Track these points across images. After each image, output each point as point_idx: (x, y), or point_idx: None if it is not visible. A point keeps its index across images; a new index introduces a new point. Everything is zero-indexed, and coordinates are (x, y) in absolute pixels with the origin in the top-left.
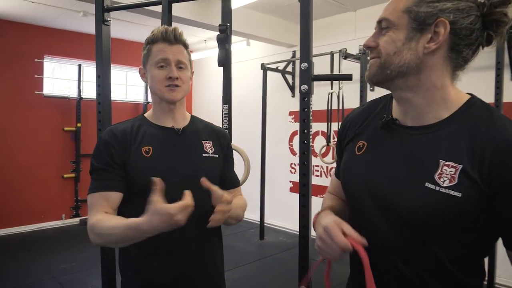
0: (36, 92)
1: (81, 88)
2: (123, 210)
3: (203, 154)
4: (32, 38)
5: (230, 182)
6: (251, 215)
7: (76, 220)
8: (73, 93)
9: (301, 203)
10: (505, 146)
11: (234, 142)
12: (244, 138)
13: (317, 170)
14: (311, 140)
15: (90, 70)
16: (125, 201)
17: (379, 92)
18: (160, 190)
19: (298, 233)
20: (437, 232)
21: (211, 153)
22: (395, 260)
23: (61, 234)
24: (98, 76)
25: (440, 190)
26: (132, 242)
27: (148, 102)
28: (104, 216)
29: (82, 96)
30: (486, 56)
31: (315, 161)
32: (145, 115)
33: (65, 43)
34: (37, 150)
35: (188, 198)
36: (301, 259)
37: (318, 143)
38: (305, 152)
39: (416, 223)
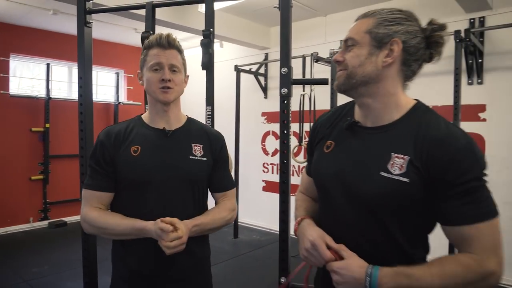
0: (2, 92)
1: (50, 87)
2: (118, 207)
3: (191, 157)
4: None
5: (219, 186)
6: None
7: (44, 224)
8: (41, 93)
9: (281, 199)
10: (437, 142)
11: None
12: None
13: None
14: (290, 139)
15: (58, 69)
16: (116, 199)
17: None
18: (170, 226)
19: (271, 231)
20: (392, 213)
21: (199, 156)
22: (360, 239)
23: (29, 238)
24: (80, 77)
25: (392, 177)
26: (128, 238)
27: (120, 103)
28: (103, 212)
29: (50, 96)
30: (446, 62)
31: None
32: (142, 116)
33: (33, 41)
34: (2, 151)
35: (181, 231)
36: (281, 252)
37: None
38: (285, 151)
39: (375, 206)
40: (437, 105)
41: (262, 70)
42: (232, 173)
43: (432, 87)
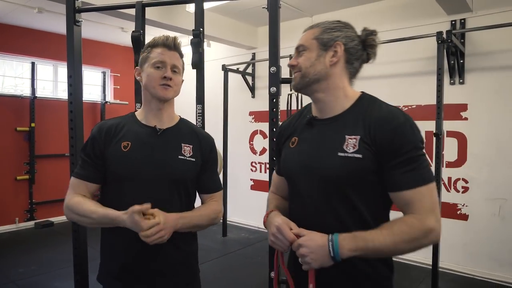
0: None
1: (35, 86)
2: (106, 199)
3: (179, 157)
4: None
5: (207, 187)
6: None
7: (31, 224)
8: (26, 92)
9: None
10: (381, 120)
11: None
12: None
13: None
14: None
15: (44, 68)
16: (104, 192)
17: None
18: (145, 208)
19: (259, 229)
20: (353, 187)
21: (188, 157)
22: (328, 218)
23: (15, 238)
24: (69, 76)
25: (348, 155)
26: (103, 226)
27: (106, 102)
28: (83, 199)
29: (36, 95)
30: (429, 62)
31: None
32: (135, 113)
33: (17, 40)
34: None
35: (158, 218)
36: (271, 249)
37: None
38: (274, 149)
39: (338, 182)
40: (421, 104)
41: (249, 70)
42: (221, 173)
43: (415, 87)
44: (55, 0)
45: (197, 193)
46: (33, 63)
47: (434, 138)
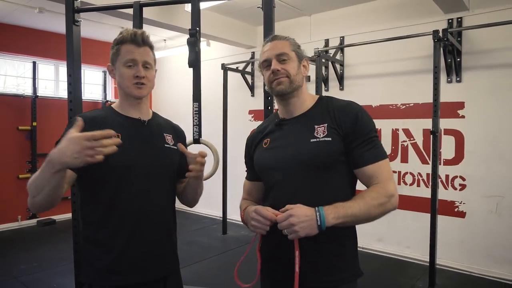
0: None
1: (37, 86)
2: (91, 189)
3: (165, 145)
4: None
5: (185, 171)
6: (214, 211)
7: (33, 222)
8: (28, 91)
9: None
10: (342, 108)
11: None
12: (205, 136)
13: None
14: None
15: (45, 67)
16: (95, 182)
17: (332, 92)
18: (79, 127)
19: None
20: (327, 167)
21: (172, 145)
22: (307, 198)
23: (18, 236)
24: (69, 75)
25: (319, 140)
26: (50, 184)
27: (107, 101)
28: None
29: (37, 94)
30: (426, 61)
31: None
32: (112, 106)
33: (18, 40)
34: None
35: (113, 134)
36: None
37: None
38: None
39: (313, 164)
40: (418, 102)
41: (249, 69)
42: (220, 169)
43: (413, 85)
44: (55, 0)
45: None
46: (34, 63)
47: (431, 136)
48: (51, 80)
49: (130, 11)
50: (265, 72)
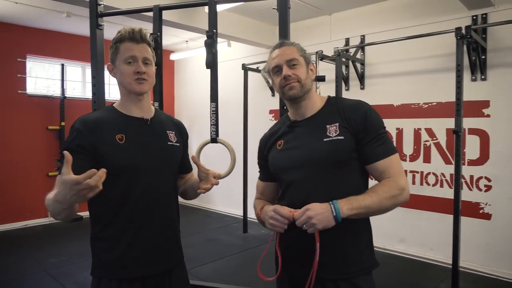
0: (19, 91)
1: (65, 87)
2: (102, 193)
3: (168, 143)
4: (14, 37)
5: (187, 167)
6: (235, 210)
7: None
8: (57, 92)
9: None
10: (352, 107)
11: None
12: (226, 135)
13: None
14: None
15: (72, 69)
16: (102, 184)
17: (353, 91)
18: (68, 162)
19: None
20: (340, 165)
21: (174, 142)
22: (321, 196)
23: (47, 231)
24: (93, 77)
25: (332, 139)
26: (64, 213)
27: None
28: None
29: (65, 95)
30: (449, 59)
31: None
32: (114, 105)
33: (48, 43)
34: (22, 149)
35: (94, 173)
36: None
37: None
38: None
39: (327, 162)
40: (441, 101)
41: None
42: (240, 168)
43: (435, 84)
44: (82, 5)
45: None
46: (62, 65)
47: (454, 136)
48: (78, 81)
49: (151, 13)
50: (276, 77)
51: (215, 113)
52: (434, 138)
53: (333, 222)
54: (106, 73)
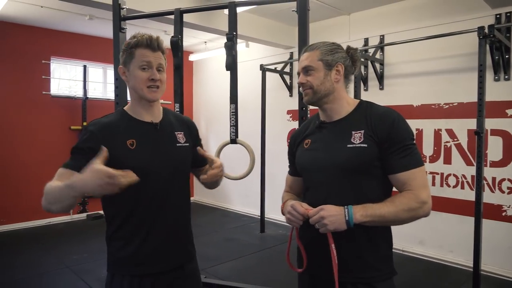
0: (44, 92)
1: (87, 88)
2: (115, 196)
3: (177, 144)
4: (39, 40)
5: (201, 161)
6: (252, 209)
7: (83, 216)
8: (79, 93)
9: None
10: (380, 116)
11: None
12: (244, 136)
13: None
14: None
15: (94, 70)
16: None
17: (372, 92)
18: (104, 157)
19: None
20: (362, 172)
21: (183, 143)
22: (340, 200)
23: (70, 228)
24: (116, 79)
25: (356, 145)
26: (68, 201)
27: None
28: (53, 181)
29: (87, 96)
30: (471, 58)
31: None
32: (124, 108)
33: (71, 45)
34: (46, 148)
35: (131, 176)
36: None
37: None
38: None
39: (349, 168)
40: (463, 101)
41: (287, 69)
42: (258, 168)
43: (457, 84)
44: (104, 8)
45: None
46: (85, 66)
47: (476, 137)
48: (100, 82)
49: (171, 16)
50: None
51: (234, 114)
52: (455, 139)
53: (344, 226)
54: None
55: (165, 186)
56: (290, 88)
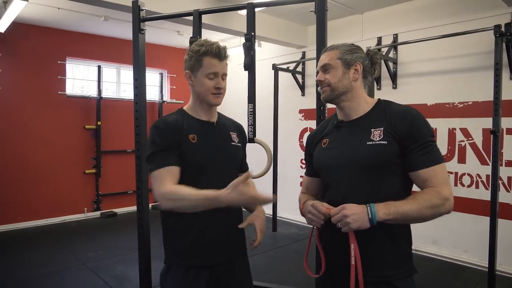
0: (59, 92)
1: (101, 88)
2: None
3: (232, 143)
4: (55, 41)
5: (245, 166)
6: (264, 208)
7: (97, 214)
8: (93, 93)
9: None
10: (400, 113)
11: None
12: (256, 135)
13: None
14: None
15: (107, 70)
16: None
17: (385, 91)
18: (245, 179)
19: (309, 225)
20: (381, 169)
21: (237, 142)
22: (359, 199)
23: (84, 226)
24: (135, 79)
25: (375, 143)
26: (201, 209)
27: (164, 101)
28: (177, 186)
29: (102, 96)
30: (487, 57)
31: None
32: (183, 109)
33: (85, 46)
34: (61, 147)
35: (266, 196)
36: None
37: None
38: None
39: (369, 165)
40: (478, 100)
41: (299, 68)
42: (270, 169)
43: (471, 82)
44: (121, 9)
45: None
46: (99, 67)
47: (492, 136)
48: (113, 82)
49: (189, 17)
50: None
51: (252, 113)
52: (470, 138)
53: (367, 224)
54: (147, 74)
55: (221, 180)
56: (302, 87)
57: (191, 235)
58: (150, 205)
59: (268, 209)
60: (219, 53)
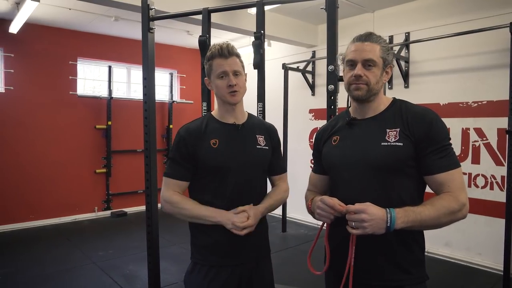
0: (71, 92)
1: (112, 88)
2: (197, 186)
3: (257, 146)
4: (66, 41)
5: (276, 169)
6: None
7: (107, 213)
8: (103, 93)
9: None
10: (417, 115)
11: None
12: None
13: None
14: None
15: (118, 70)
16: (199, 182)
17: (396, 90)
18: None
19: (318, 226)
20: (395, 171)
21: (263, 146)
22: (371, 201)
23: (94, 225)
24: (144, 78)
25: (390, 144)
26: (198, 222)
27: (173, 101)
28: (182, 197)
29: (112, 96)
30: (501, 55)
31: None
32: (211, 113)
33: (96, 46)
34: (71, 146)
35: (250, 220)
36: None
37: None
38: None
39: (382, 167)
40: (492, 100)
41: (309, 68)
42: None
43: (486, 81)
44: (131, 9)
45: None
46: (110, 67)
47: (507, 136)
48: (124, 82)
49: (198, 16)
50: (347, 71)
51: (262, 112)
52: (484, 138)
53: (383, 231)
54: (156, 74)
55: (243, 183)
56: (312, 87)
57: (214, 234)
58: (159, 205)
59: (277, 210)
60: (222, 52)
